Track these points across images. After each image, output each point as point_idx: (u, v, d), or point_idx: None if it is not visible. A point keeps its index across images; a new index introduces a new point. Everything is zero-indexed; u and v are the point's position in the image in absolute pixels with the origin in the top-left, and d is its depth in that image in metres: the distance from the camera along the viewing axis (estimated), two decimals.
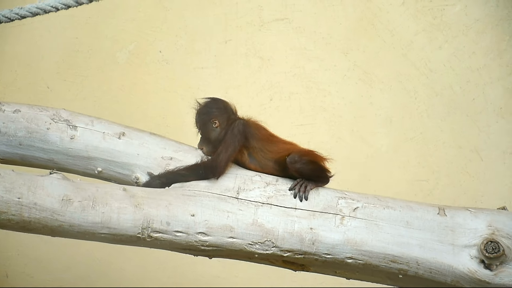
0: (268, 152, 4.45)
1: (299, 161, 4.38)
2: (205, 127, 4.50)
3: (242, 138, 4.42)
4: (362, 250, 4.27)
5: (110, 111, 6.24)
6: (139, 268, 6.34)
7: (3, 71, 6.26)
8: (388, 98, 6.38)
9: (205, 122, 4.50)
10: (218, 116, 4.51)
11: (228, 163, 4.39)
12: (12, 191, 4.00)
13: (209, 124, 4.49)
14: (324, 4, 6.35)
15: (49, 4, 3.60)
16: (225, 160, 4.37)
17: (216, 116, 4.51)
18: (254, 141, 4.44)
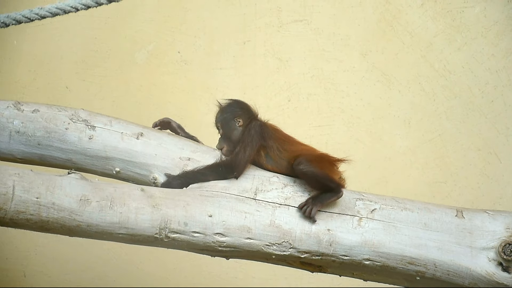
0: (285, 151, 4.44)
1: (305, 166, 4.35)
2: (228, 126, 4.50)
3: (259, 138, 4.42)
4: (379, 252, 4.26)
5: (129, 111, 6.26)
6: (157, 268, 6.35)
7: (22, 71, 6.29)
8: (406, 99, 6.36)
9: (228, 120, 4.50)
10: (242, 115, 4.52)
11: (248, 162, 4.39)
12: (30, 191, 4.02)
13: (232, 122, 4.50)
14: (343, 5, 6.34)
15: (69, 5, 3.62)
16: (244, 160, 4.38)
17: (240, 115, 4.51)
18: (271, 140, 4.44)
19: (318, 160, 4.43)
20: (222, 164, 4.39)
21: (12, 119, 4.40)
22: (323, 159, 4.46)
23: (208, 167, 4.39)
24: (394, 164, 6.36)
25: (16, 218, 3.99)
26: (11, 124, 4.40)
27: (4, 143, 4.40)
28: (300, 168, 4.34)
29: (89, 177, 4.25)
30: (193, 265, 6.32)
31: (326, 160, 4.47)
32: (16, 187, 3.99)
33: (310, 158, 4.40)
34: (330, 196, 4.33)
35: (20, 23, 3.55)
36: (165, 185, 4.37)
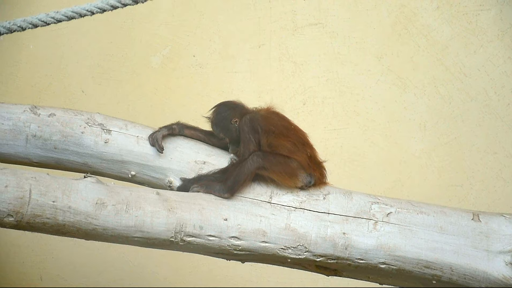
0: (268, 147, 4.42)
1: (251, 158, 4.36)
2: (230, 132, 4.50)
3: (254, 132, 4.42)
4: (395, 256, 4.25)
5: (144, 115, 6.27)
6: (172, 271, 6.35)
7: (38, 76, 6.32)
8: (422, 102, 6.34)
9: (227, 126, 4.50)
10: (235, 115, 4.52)
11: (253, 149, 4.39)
12: (47, 195, 4.03)
13: (231, 126, 4.50)
14: (358, 9, 6.33)
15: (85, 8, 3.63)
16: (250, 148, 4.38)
17: (234, 116, 4.52)
18: (262, 133, 4.43)
19: (278, 162, 4.41)
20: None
21: (29, 123, 4.42)
22: (282, 162, 4.42)
23: (222, 171, 4.39)
24: (410, 168, 6.34)
25: (33, 222, 4.00)
26: (27, 128, 4.42)
27: (21, 147, 4.42)
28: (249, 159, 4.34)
29: (105, 181, 4.26)
30: (208, 268, 6.32)
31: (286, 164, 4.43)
32: (33, 191, 4.01)
33: (271, 159, 4.38)
34: (218, 190, 4.31)
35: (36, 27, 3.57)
36: (181, 189, 4.38)
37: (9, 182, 3.98)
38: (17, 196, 3.98)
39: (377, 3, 6.32)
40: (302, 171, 4.42)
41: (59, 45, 6.31)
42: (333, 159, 6.37)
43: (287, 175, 4.38)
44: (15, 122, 4.42)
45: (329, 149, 6.38)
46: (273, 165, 4.36)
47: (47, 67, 6.31)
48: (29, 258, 6.34)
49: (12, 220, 3.98)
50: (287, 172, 4.38)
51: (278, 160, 4.39)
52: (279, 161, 4.39)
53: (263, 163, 4.34)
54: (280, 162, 4.39)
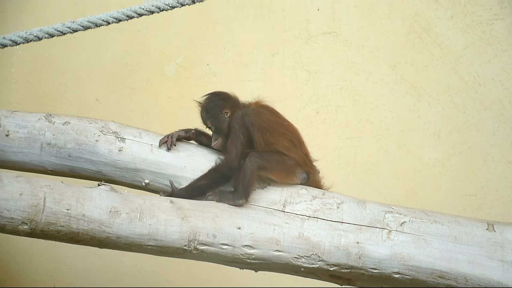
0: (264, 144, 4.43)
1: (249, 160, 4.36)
2: (217, 120, 4.50)
3: (244, 129, 4.43)
4: (409, 265, 4.24)
5: (158, 124, 6.28)
6: (186, 280, 6.35)
7: (53, 84, 6.34)
8: (436, 111, 6.32)
9: (216, 115, 4.51)
10: (227, 105, 4.53)
11: (241, 153, 4.39)
12: (61, 203, 4.04)
13: (220, 115, 4.51)
14: (372, 17, 6.33)
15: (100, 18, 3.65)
16: (237, 155, 4.39)
17: (225, 106, 4.53)
18: (255, 130, 4.43)
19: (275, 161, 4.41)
20: (219, 169, 4.40)
21: (44, 131, 4.44)
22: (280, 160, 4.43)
23: (206, 176, 4.39)
24: (424, 177, 6.32)
25: (47, 230, 4.01)
26: (42, 136, 4.44)
27: (35, 155, 4.44)
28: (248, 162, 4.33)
29: (119, 189, 4.27)
30: (222, 277, 6.32)
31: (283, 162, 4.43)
32: (47, 199, 4.02)
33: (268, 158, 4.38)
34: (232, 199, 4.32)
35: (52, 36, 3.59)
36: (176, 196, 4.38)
37: (24, 190, 4.00)
38: (32, 204, 3.99)
39: (391, 12, 6.32)
40: (299, 168, 4.44)
41: (74, 53, 6.33)
42: (346, 168, 6.36)
43: (285, 173, 4.40)
44: (30, 130, 4.44)
45: (342, 158, 6.37)
46: (271, 164, 4.37)
47: (62, 76, 6.34)
48: (43, 266, 6.35)
49: (26, 228, 3.99)
50: (285, 170, 4.40)
51: (276, 159, 4.40)
52: (277, 159, 4.41)
53: (262, 163, 4.35)
54: (278, 160, 4.40)
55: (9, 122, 4.43)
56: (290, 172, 4.42)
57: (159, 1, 3.77)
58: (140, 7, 3.77)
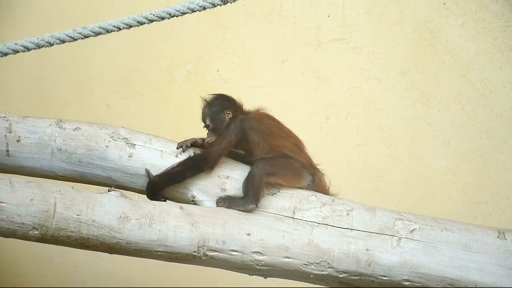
0: (268, 147, 4.43)
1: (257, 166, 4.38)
2: (217, 118, 4.51)
3: (238, 131, 4.43)
4: (419, 273, 4.23)
5: (168, 130, 6.28)
6: (195, 285, 6.35)
7: (64, 90, 6.36)
8: (446, 119, 6.31)
9: (218, 113, 4.52)
10: (230, 107, 4.55)
11: (221, 155, 4.41)
12: (71, 208, 4.05)
13: (222, 115, 4.52)
14: (383, 24, 6.32)
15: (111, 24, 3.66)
16: (218, 152, 4.40)
17: (229, 107, 4.54)
18: (254, 133, 4.44)
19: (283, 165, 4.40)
20: (195, 157, 4.42)
21: (54, 137, 4.45)
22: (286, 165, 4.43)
23: (182, 162, 4.40)
24: (434, 184, 6.31)
25: (57, 235, 4.02)
26: (53, 142, 4.45)
27: (46, 160, 4.45)
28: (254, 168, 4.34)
29: (129, 195, 4.28)
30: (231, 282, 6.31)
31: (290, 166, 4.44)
32: (58, 204, 4.03)
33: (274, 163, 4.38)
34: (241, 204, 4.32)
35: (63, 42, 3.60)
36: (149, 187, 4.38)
37: (35, 195, 4.01)
38: (42, 209, 4.00)
39: (401, 19, 6.31)
40: (305, 170, 4.45)
41: (84, 59, 6.35)
42: (356, 174, 6.35)
43: (293, 176, 4.41)
44: (40, 136, 4.45)
45: (352, 164, 6.36)
46: (278, 169, 4.38)
47: (72, 82, 6.36)
48: (53, 271, 6.36)
49: (37, 233, 4.00)
50: (293, 173, 4.41)
51: (282, 163, 4.42)
52: (283, 164, 4.42)
53: (269, 169, 4.36)
54: (285, 165, 4.42)
55: (20, 128, 4.44)
56: (298, 175, 4.43)
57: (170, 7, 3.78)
58: (150, 13, 3.78)
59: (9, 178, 4.05)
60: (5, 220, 3.96)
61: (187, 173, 4.39)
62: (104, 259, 6.28)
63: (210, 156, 4.40)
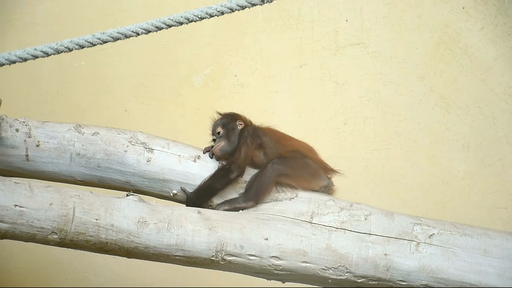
0: (281, 146, 4.44)
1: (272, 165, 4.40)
2: (229, 126, 4.55)
3: (254, 137, 4.46)
4: (438, 278, 4.21)
5: (186, 134, 6.30)
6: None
7: (83, 95, 6.39)
8: (465, 123, 6.29)
9: (230, 122, 4.57)
10: (243, 120, 4.60)
11: (246, 161, 4.41)
12: (90, 213, 4.07)
13: (234, 123, 4.56)
14: (401, 28, 6.31)
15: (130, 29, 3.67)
16: (241, 158, 4.40)
17: (241, 119, 4.59)
18: (266, 137, 4.46)
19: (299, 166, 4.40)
20: (221, 168, 4.43)
21: (73, 142, 4.47)
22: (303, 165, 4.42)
23: (211, 176, 4.42)
24: (453, 189, 6.28)
25: (76, 240, 4.04)
26: (72, 146, 4.47)
27: (65, 165, 4.47)
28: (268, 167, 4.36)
29: (147, 199, 4.29)
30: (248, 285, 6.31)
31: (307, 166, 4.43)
32: (77, 209, 4.05)
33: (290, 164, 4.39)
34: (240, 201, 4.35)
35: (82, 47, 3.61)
36: (189, 202, 4.41)
37: (54, 200, 4.03)
38: (61, 213, 4.02)
39: (420, 23, 6.30)
40: (323, 171, 4.45)
41: (103, 64, 6.38)
42: (374, 179, 6.34)
43: (310, 177, 4.40)
44: (59, 141, 4.47)
45: (370, 169, 6.35)
46: (294, 170, 4.39)
47: (91, 87, 6.39)
48: (71, 275, 6.38)
49: (56, 238, 4.02)
50: (310, 174, 4.41)
51: (299, 164, 4.42)
52: (300, 164, 4.43)
53: (284, 170, 4.37)
54: (301, 165, 4.42)
55: (39, 133, 4.47)
56: (315, 176, 4.44)
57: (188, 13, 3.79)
58: (169, 18, 3.79)
59: (29, 183, 4.07)
60: (24, 225, 3.99)
61: (217, 185, 4.41)
62: (123, 263, 6.29)
63: (238, 163, 4.41)
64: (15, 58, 3.64)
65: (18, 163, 4.45)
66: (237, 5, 3.76)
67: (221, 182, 4.41)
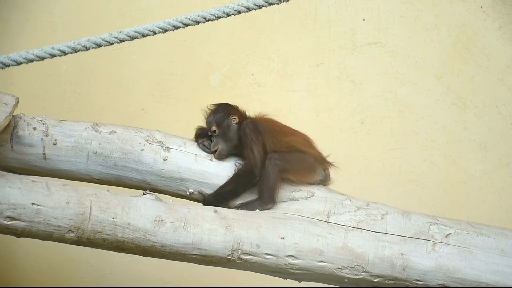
0: (278, 143, 4.43)
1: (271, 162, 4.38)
2: (224, 123, 4.53)
3: (257, 133, 4.43)
4: (454, 278, 4.20)
5: None
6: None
7: (100, 93, 6.41)
8: (482, 123, 6.26)
9: (224, 118, 4.54)
10: (236, 113, 4.57)
11: (261, 159, 4.38)
12: (107, 211, 4.08)
13: (228, 120, 4.54)
14: (418, 28, 6.29)
15: (147, 28, 3.68)
16: (257, 159, 4.38)
17: (234, 113, 4.57)
18: (267, 134, 4.44)
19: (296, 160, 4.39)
20: (242, 173, 4.41)
21: (90, 140, 4.49)
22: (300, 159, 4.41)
23: (231, 181, 4.41)
24: (469, 189, 6.26)
25: (93, 238, 4.06)
26: (89, 145, 4.49)
27: (82, 163, 4.49)
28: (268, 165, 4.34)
29: (163, 198, 4.30)
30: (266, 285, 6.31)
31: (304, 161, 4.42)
32: (93, 207, 4.06)
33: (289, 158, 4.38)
34: (258, 205, 4.35)
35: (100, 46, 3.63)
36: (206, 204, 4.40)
37: (71, 198, 4.05)
38: (78, 212, 4.04)
39: (437, 23, 6.28)
40: (318, 165, 4.44)
41: (120, 63, 6.40)
42: (391, 179, 6.33)
43: (306, 171, 4.41)
44: (77, 139, 4.49)
45: (387, 168, 6.34)
46: (292, 164, 4.38)
47: (108, 85, 6.41)
48: (88, 274, 6.41)
49: (73, 236, 4.04)
50: (306, 169, 4.41)
51: (296, 158, 4.42)
52: (297, 158, 4.42)
53: (282, 165, 4.36)
54: (298, 159, 4.42)
55: (56, 131, 4.49)
56: (312, 170, 4.44)
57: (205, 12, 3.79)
58: (186, 17, 3.79)
59: (46, 181, 4.10)
60: (42, 223, 4.01)
61: (240, 190, 4.40)
62: (139, 262, 6.31)
63: (256, 166, 4.40)
64: (33, 57, 3.66)
65: (36, 161, 4.48)
66: (254, 4, 3.76)
67: (244, 187, 4.40)
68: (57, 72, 6.39)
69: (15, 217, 3.98)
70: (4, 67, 3.59)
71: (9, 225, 3.98)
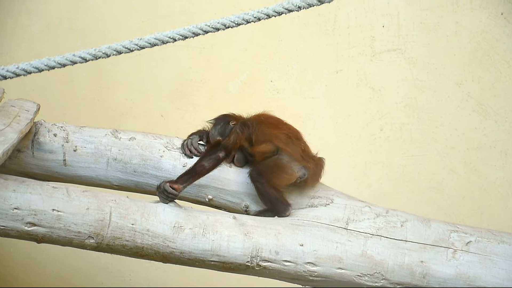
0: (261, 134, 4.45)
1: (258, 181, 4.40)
2: (225, 133, 4.55)
3: (243, 128, 4.48)
4: (475, 286, 4.18)
5: None
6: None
7: (119, 100, 6.43)
8: (503, 130, 6.23)
9: (224, 128, 4.59)
10: (235, 119, 4.62)
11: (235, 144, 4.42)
12: (126, 217, 4.09)
13: (228, 127, 4.58)
14: (438, 34, 6.27)
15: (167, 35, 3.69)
16: (231, 141, 4.42)
17: (233, 119, 4.61)
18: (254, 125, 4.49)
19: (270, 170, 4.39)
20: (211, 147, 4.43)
21: (110, 147, 4.50)
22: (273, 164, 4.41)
23: (202, 156, 4.41)
24: (490, 196, 6.23)
25: (113, 244, 4.06)
26: (108, 151, 4.50)
27: (102, 170, 4.50)
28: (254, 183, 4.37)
29: (183, 204, 4.31)
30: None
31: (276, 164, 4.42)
32: (113, 214, 4.08)
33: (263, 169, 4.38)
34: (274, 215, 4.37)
35: (120, 53, 3.64)
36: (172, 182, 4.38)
37: (91, 204, 4.06)
38: (98, 218, 4.05)
39: (457, 29, 6.26)
40: (296, 163, 4.42)
41: (140, 70, 6.42)
42: (410, 186, 6.31)
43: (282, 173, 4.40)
44: (97, 146, 4.51)
45: (406, 176, 6.32)
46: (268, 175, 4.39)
47: (127, 92, 6.43)
48: (108, 280, 6.43)
49: (92, 242, 4.05)
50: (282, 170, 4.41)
51: (270, 165, 4.42)
52: (270, 165, 4.43)
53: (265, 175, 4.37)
54: (271, 165, 4.42)
55: (77, 138, 4.51)
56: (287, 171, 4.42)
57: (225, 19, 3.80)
58: (205, 24, 3.80)
59: (66, 187, 4.11)
60: (62, 229, 4.02)
61: (206, 164, 4.37)
62: (158, 268, 6.32)
63: (224, 145, 4.42)
64: (54, 63, 3.67)
65: (56, 167, 4.50)
66: (274, 11, 3.76)
67: (209, 161, 4.38)
68: (78, 79, 6.42)
69: (36, 223, 4.00)
70: (26, 74, 3.61)
71: (30, 231, 4.00)
